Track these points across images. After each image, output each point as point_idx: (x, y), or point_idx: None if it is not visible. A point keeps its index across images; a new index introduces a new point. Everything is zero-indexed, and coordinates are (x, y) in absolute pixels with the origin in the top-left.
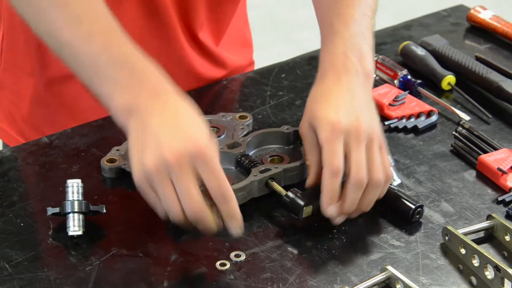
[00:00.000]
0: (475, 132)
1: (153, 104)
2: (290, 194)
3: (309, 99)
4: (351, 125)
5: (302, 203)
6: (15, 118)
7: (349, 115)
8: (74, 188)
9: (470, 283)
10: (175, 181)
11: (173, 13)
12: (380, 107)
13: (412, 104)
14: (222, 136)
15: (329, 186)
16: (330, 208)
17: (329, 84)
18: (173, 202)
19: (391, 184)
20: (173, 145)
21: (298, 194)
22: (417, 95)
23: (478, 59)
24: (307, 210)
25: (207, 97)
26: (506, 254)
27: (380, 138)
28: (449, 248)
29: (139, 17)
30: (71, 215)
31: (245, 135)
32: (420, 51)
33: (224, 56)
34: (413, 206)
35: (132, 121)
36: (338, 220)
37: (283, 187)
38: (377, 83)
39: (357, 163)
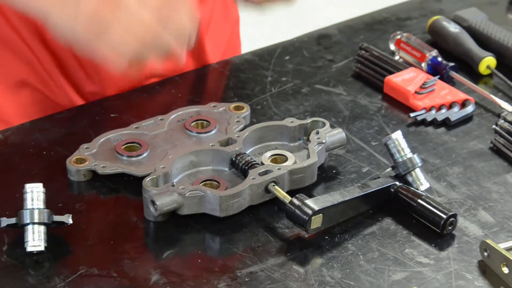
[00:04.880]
0: None
1: None
2: (296, 201)
3: None
4: None
5: (310, 211)
6: None
7: None
8: (33, 194)
9: None
10: None
11: None
12: (404, 96)
13: (443, 92)
14: (214, 131)
15: None
16: None
17: None
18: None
19: (417, 189)
20: None
21: (305, 201)
22: (449, 81)
23: None
24: (316, 220)
25: (195, 83)
26: None
27: None
28: (489, 267)
29: None
30: (30, 226)
31: (241, 130)
32: (453, 28)
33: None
34: (444, 216)
35: None
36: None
37: (287, 193)
38: (402, 66)
39: None
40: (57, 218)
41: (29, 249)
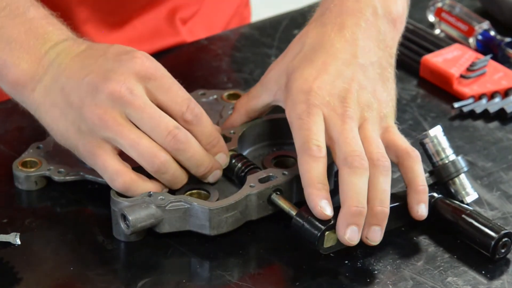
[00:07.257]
0: None
1: (65, 54)
2: (305, 213)
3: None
4: (335, 95)
5: (322, 225)
6: None
7: (336, 82)
8: None
9: None
10: (139, 115)
11: None
12: (446, 81)
13: (497, 76)
14: None
15: (310, 172)
16: (323, 204)
17: (325, 30)
18: (146, 138)
19: (461, 200)
20: (110, 76)
21: None
22: (505, 61)
23: None
24: (330, 237)
25: (179, 65)
26: None
27: (383, 117)
28: None
29: None
30: None
31: None
32: None
33: None
34: (495, 235)
35: (41, 87)
36: (350, 235)
37: (294, 204)
38: (443, 42)
39: (344, 137)
40: (1, 237)
41: None
